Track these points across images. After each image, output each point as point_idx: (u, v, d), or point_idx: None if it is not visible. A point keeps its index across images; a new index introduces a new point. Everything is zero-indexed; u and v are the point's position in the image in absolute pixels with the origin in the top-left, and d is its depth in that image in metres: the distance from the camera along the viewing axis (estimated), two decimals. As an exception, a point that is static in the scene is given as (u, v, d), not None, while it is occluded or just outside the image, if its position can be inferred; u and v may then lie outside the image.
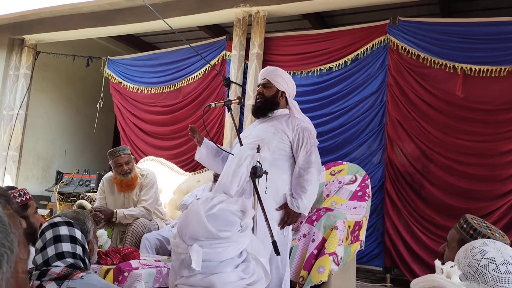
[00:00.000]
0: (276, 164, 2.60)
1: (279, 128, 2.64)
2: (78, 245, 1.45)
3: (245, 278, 1.36)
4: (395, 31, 4.31)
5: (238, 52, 4.85)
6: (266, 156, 2.56)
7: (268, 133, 2.64)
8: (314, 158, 2.59)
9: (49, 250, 1.39)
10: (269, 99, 2.76)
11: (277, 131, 2.63)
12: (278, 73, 2.80)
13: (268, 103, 2.76)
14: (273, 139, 2.62)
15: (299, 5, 4.55)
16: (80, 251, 1.44)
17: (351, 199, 3.59)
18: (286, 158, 2.65)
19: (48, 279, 1.33)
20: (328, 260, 2.91)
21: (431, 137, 4.11)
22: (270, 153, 2.59)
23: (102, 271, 2.38)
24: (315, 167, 2.58)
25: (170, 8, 5.00)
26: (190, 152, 5.37)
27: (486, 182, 3.90)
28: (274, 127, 2.66)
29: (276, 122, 2.69)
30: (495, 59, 3.90)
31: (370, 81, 4.43)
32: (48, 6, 5.45)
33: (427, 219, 4.06)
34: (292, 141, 2.63)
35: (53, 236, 1.42)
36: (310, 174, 2.55)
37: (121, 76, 5.98)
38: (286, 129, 2.64)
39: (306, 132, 2.64)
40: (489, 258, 1.24)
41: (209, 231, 1.31)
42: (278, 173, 2.59)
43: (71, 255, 1.40)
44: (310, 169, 2.55)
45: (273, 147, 2.60)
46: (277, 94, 2.77)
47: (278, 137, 2.62)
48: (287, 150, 2.64)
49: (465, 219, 1.71)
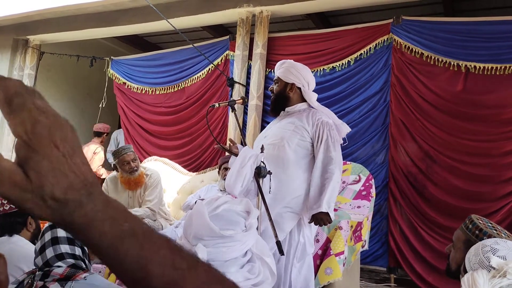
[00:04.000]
0: (299, 163, 2.52)
1: (299, 125, 2.54)
2: (77, 246, 1.45)
3: (251, 278, 1.35)
4: (398, 30, 4.30)
5: (242, 52, 4.84)
6: (288, 155, 2.49)
7: (288, 130, 2.54)
8: (335, 155, 2.47)
9: (48, 252, 1.39)
10: (277, 94, 2.68)
11: (297, 128, 2.53)
12: (286, 65, 2.69)
13: (278, 99, 2.67)
14: (293, 137, 2.52)
15: (303, 5, 4.54)
16: (79, 252, 1.44)
17: (355, 198, 3.59)
18: (309, 156, 2.55)
19: (51, 280, 1.34)
20: (335, 260, 2.89)
21: (434, 136, 4.10)
22: (291, 151, 2.51)
23: (107, 271, 2.38)
24: (336, 164, 2.44)
25: (174, 8, 5.01)
26: (194, 151, 5.37)
27: (490, 182, 3.88)
28: (293, 124, 2.55)
29: (295, 118, 2.59)
30: (499, 57, 3.87)
31: (374, 81, 4.42)
32: (52, 7, 5.47)
33: (431, 219, 4.04)
34: (312, 137, 2.53)
35: (51, 238, 1.42)
36: (330, 172, 2.43)
37: (125, 76, 5.99)
38: (306, 125, 2.54)
39: (326, 127, 2.52)
40: (500, 256, 1.25)
41: (212, 229, 1.30)
42: (300, 173, 2.51)
43: (71, 256, 1.41)
44: (330, 166, 2.43)
45: (294, 145, 2.51)
46: (286, 88, 2.66)
47: (299, 134, 2.53)
48: (309, 148, 2.54)
49: (470, 220, 1.70)
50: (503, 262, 1.17)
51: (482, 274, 1.15)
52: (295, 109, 2.66)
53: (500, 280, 1.12)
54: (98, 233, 0.42)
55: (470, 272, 1.20)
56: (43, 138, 0.39)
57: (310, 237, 2.61)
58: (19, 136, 0.39)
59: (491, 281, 1.13)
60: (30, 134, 0.39)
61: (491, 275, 1.15)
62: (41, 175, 0.39)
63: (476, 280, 1.14)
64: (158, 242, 0.46)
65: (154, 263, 0.44)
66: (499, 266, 1.16)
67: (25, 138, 0.38)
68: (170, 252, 0.46)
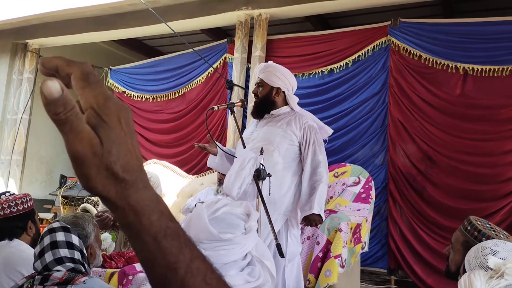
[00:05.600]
0: (288, 167, 2.58)
1: (288, 129, 2.59)
2: (76, 251, 1.45)
3: (251, 281, 1.35)
4: (396, 32, 4.31)
5: (241, 54, 4.85)
6: (277, 160, 2.54)
7: (277, 135, 2.59)
8: (322, 157, 2.57)
9: (47, 256, 1.39)
10: (263, 99, 2.69)
11: (285, 133, 2.58)
12: (270, 69, 2.70)
13: (263, 103, 2.69)
14: (282, 142, 2.57)
15: (301, 7, 4.55)
16: (78, 256, 1.44)
17: (355, 201, 3.59)
18: (297, 160, 2.62)
19: (50, 284, 1.33)
20: (335, 263, 2.90)
21: (433, 137, 4.10)
22: (281, 156, 2.56)
23: (107, 275, 2.38)
24: (324, 166, 2.56)
25: (173, 11, 5.01)
26: (196, 158, 5.37)
27: (490, 182, 3.89)
28: (282, 129, 2.60)
29: (282, 122, 2.63)
30: (497, 59, 3.89)
31: (372, 83, 4.43)
32: (51, 11, 5.47)
33: (431, 220, 4.05)
34: (300, 141, 2.60)
35: (50, 242, 1.42)
36: (319, 174, 2.52)
37: (124, 85, 6.00)
38: (294, 129, 2.59)
39: (312, 131, 2.60)
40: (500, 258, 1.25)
41: (211, 233, 1.30)
42: (289, 176, 2.57)
43: (70, 260, 1.41)
44: (319, 169, 2.53)
45: (283, 151, 2.56)
46: (271, 92, 2.68)
47: (288, 139, 2.57)
48: (297, 152, 2.61)
49: (469, 221, 1.70)
50: (501, 262, 1.16)
51: (479, 276, 1.14)
52: (279, 112, 2.69)
53: (497, 281, 1.11)
54: (148, 222, 0.44)
55: (467, 273, 1.20)
56: (113, 113, 0.42)
57: (298, 237, 2.66)
58: (92, 108, 0.42)
59: (488, 282, 1.12)
60: (102, 107, 0.42)
61: (489, 276, 1.15)
62: (110, 142, 0.42)
63: (473, 282, 1.13)
64: (195, 252, 0.47)
65: (187, 270, 0.46)
66: (497, 266, 1.15)
67: (98, 109, 0.42)
68: (204, 265, 0.47)
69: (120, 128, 0.43)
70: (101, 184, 0.42)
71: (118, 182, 0.43)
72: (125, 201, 0.43)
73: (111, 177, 0.42)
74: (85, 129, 0.41)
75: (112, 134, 0.42)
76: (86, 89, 0.42)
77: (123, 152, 0.43)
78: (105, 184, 0.42)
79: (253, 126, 2.81)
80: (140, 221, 0.44)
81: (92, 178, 0.42)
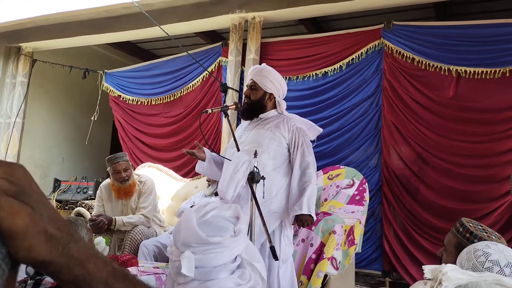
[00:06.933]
0: (278, 169, 2.61)
1: (277, 132, 2.63)
2: None
3: (242, 284, 1.35)
4: (389, 35, 4.33)
5: (235, 57, 4.86)
6: (267, 161, 2.57)
7: (266, 137, 2.62)
8: (311, 159, 2.61)
9: None
10: (255, 103, 2.72)
11: (274, 135, 2.62)
12: (264, 73, 2.73)
13: (254, 106, 2.72)
14: (271, 143, 2.61)
15: (295, 10, 4.57)
16: None
17: (349, 203, 3.60)
18: (286, 162, 2.66)
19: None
20: (326, 263, 2.91)
21: (427, 139, 4.12)
22: (270, 158, 2.59)
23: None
24: (312, 167, 2.60)
25: (167, 14, 5.01)
26: (193, 162, 5.35)
27: (483, 184, 3.91)
28: (271, 131, 2.64)
29: (271, 125, 2.67)
30: (490, 61, 3.91)
31: (365, 85, 4.45)
32: (45, 14, 5.46)
33: (424, 222, 4.06)
34: (289, 143, 2.64)
35: None
36: (308, 176, 2.57)
37: (120, 89, 5.98)
38: (283, 131, 2.64)
39: (301, 133, 2.65)
40: (493, 260, 1.25)
41: (199, 236, 1.31)
42: (279, 178, 2.61)
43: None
44: (308, 170, 2.58)
45: (273, 152, 2.60)
46: (264, 97, 2.72)
47: (276, 141, 2.62)
48: (286, 153, 2.65)
49: (461, 223, 1.72)
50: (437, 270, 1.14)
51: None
52: (268, 116, 2.74)
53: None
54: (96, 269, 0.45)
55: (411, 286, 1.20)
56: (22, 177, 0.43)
57: (290, 237, 2.70)
58: (2, 178, 0.42)
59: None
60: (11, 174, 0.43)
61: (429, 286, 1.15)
62: (38, 205, 0.43)
63: None
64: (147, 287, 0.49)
65: None
66: (433, 275, 1.15)
67: (9, 178, 0.42)
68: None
69: (37, 190, 0.43)
70: (44, 249, 0.42)
71: (57, 240, 0.43)
72: (68, 255, 0.43)
73: (50, 239, 0.42)
74: (15, 202, 0.40)
75: (34, 197, 0.42)
76: None
77: (49, 211, 0.43)
78: (47, 248, 0.42)
79: (241, 129, 2.84)
80: (87, 270, 0.44)
81: (35, 247, 0.41)
